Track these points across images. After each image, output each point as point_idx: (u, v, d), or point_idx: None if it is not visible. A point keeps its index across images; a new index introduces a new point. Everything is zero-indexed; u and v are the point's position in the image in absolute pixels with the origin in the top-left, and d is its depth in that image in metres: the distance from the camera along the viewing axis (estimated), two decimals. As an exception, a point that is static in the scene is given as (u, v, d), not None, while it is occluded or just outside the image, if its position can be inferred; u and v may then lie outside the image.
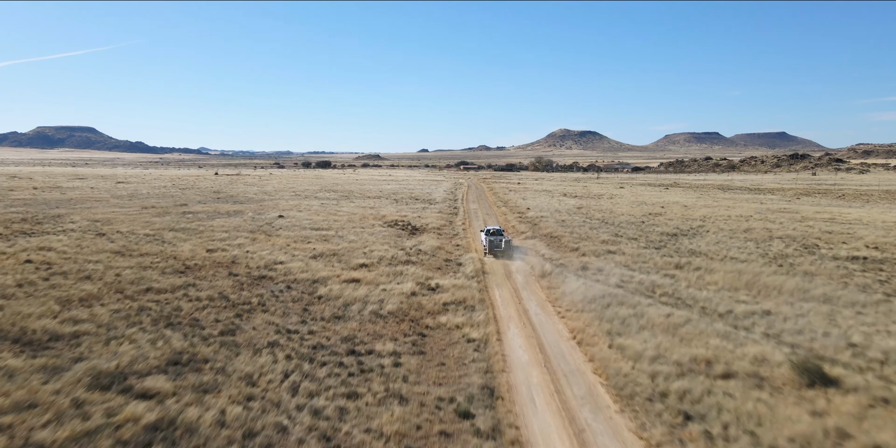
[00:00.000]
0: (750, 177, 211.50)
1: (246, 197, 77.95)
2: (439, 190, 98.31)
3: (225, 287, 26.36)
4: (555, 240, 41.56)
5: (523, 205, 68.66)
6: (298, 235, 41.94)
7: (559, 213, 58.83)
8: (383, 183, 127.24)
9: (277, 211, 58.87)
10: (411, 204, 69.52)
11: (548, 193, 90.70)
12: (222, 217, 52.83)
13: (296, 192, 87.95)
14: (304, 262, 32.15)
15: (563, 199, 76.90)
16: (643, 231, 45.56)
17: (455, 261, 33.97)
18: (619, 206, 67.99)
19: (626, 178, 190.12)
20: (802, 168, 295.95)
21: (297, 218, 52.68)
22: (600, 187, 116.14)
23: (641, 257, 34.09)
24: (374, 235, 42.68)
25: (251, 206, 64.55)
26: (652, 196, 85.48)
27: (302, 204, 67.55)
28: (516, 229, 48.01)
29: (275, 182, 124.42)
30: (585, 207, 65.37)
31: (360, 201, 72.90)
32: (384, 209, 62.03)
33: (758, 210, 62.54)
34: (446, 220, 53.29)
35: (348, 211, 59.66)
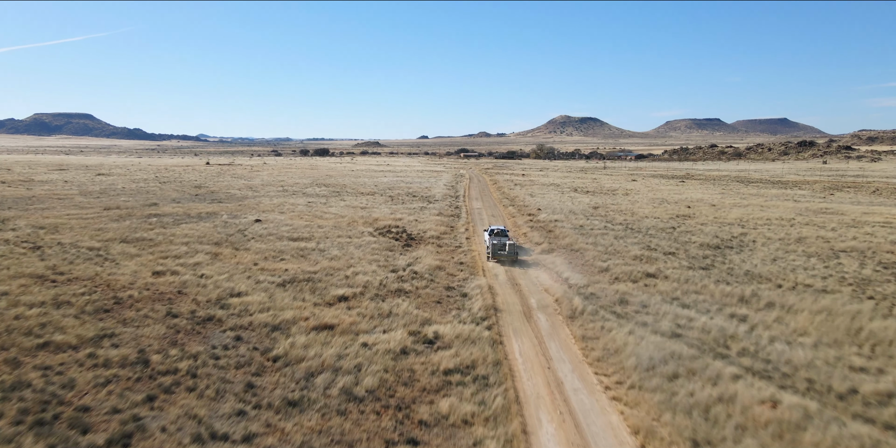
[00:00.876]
0: (760, 166, 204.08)
1: (228, 193, 70.92)
2: (439, 184, 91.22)
3: (153, 339, 19.59)
4: (577, 255, 34.67)
5: (532, 203, 61.66)
6: (272, 249, 35.06)
7: (574, 215, 51.89)
8: (380, 174, 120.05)
9: (257, 213, 51.93)
10: (408, 202, 62.53)
11: (556, 188, 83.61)
12: (192, 221, 45.93)
13: (283, 188, 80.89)
14: (269, 292, 25.35)
15: (574, 196, 69.85)
16: (678, 241, 38.67)
17: (458, 289, 27.14)
18: (638, 205, 60.98)
19: (634, 167, 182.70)
20: (811, 156, 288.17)
21: (277, 223, 45.76)
22: (611, 180, 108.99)
23: (691, 284, 27.25)
24: (362, 248, 35.80)
25: (229, 205, 57.57)
26: (670, 191, 78.41)
27: (287, 203, 60.56)
28: (529, 238, 41.13)
29: (265, 174, 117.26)
30: (602, 207, 58.39)
31: (352, 199, 65.90)
32: (377, 210, 55.06)
33: (797, 210, 55.60)
34: (447, 225, 46.37)
35: (336, 212, 52.71)
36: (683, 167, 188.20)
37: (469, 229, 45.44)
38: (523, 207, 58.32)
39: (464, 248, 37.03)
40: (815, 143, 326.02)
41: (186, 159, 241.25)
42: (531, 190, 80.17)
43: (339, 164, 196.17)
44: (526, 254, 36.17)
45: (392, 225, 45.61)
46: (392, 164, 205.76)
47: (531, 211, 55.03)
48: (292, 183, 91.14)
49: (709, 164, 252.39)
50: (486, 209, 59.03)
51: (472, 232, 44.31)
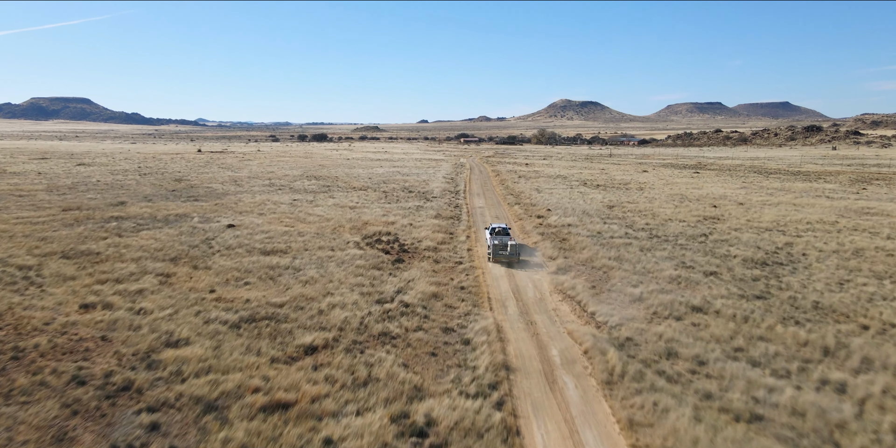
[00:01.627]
0: (769, 152, 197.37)
1: (208, 189, 64.97)
2: (437, 176, 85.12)
3: (32, 430, 13.98)
4: (599, 275, 28.96)
5: (540, 201, 55.74)
6: (237, 267, 29.33)
7: (589, 217, 46.05)
8: (376, 164, 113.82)
9: (233, 215, 46.11)
10: (403, 200, 56.61)
11: (564, 182, 77.55)
12: (155, 226, 40.15)
13: (270, 181, 74.88)
14: (217, 339, 19.71)
15: (585, 192, 63.86)
16: (715, 255, 32.90)
17: (459, 331, 21.44)
18: (657, 203, 55.06)
19: (640, 155, 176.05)
20: (819, 142, 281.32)
21: (252, 229, 39.95)
22: (620, 170, 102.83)
23: (752, 324, 21.58)
24: (345, 266, 30.07)
25: (205, 205, 51.70)
26: (687, 185, 72.35)
27: (269, 201, 54.66)
28: (542, 250, 35.25)
29: (255, 164, 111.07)
30: (618, 206, 52.49)
31: (343, 196, 59.95)
32: (368, 211, 49.18)
33: (836, 211, 49.75)
34: (445, 231, 40.54)
35: (322, 214, 46.85)
36: (691, 154, 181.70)
37: (471, 236, 39.61)
38: (530, 207, 52.41)
39: (465, 265, 31.25)
40: (821, 129, 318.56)
41: (180, 146, 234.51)
42: (537, 183, 74.15)
43: (335, 151, 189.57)
44: (539, 269, 30.45)
45: (383, 231, 39.79)
46: (390, 151, 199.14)
47: (540, 211, 49.15)
48: (281, 175, 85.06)
49: (714, 149, 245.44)
50: (490, 208, 53.13)
51: (474, 240, 38.50)
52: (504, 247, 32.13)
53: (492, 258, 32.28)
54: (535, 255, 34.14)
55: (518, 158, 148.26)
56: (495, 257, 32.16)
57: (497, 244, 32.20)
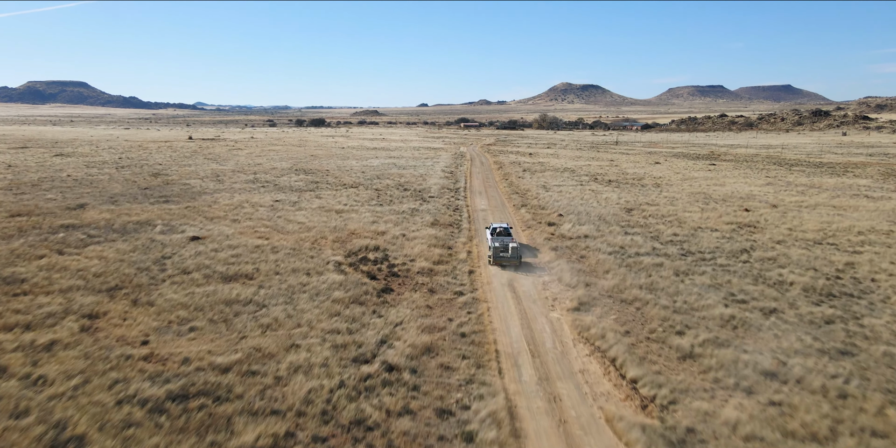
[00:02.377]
0: (782, 139, 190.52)
1: (184, 186, 59.06)
2: (436, 169, 79.01)
3: None
4: (633, 313, 23.33)
5: (549, 202, 49.88)
6: (186, 304, 23.69)
7: (607, 224, 40.26)
8: (371, 155, 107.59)
9: (202, 222, 40.34)
10: (397, 201, 50.73)
11: (573, 176, 71.51)
12: (109, 239, 34.47)
13: (255, 176, 68.90)
14: (122, 439, 14.15)
15: (598, 191, 57.90)
16: (767, 281, 27.23)
17: (460, 418, 15.81)
18: (680, 204, 49.19)
19: (647, 142, 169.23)
20: (827, 127, 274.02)
21: (220, 242, 34.23)
22: (630, 161, 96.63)
23: (853, 407, 16.00)
24: (319, 299, 24.44)
25: (176, 207, 45.89)
26: (707, 181, 66.31)
27: (248, 203, 48.83)
28: (557, 274, 29.48)
29: (244, 154, 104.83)
30: (637, 209, 46.64)
31: (331, 195, 54.06)
32: (357, 216, 43.35)
33: (885, 214, 43.94)
34: (443, 245, 34.77)
35: (304, 221, 41.04)
36: (699, 141, 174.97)
37: (473, 252, 33.85)
38: (539, 210, 46.56)
39: (466, 298, 25.54)
40: (829, 113, 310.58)
41: (172, 132, 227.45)
42: (543, 179, 68.15)
43: (330, 138, 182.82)
44: (557, 306, 24.79)
45: (371, 245, 34.05)
46: (388, 137, 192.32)
47: (550, 216, 43.33)
48: (268, 168, 79.00)
49: (721, 135, 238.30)
50: (494, 212, 47.27)
51: (476, 257, 32.78)
52: (505, 248, 30.61)
53: (492, 261, 30.58)
54: (544, 271, 28.46)
55: (521, 146, 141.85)
56: (496, 260, 30.49)
57: (498, 246, 30.67)
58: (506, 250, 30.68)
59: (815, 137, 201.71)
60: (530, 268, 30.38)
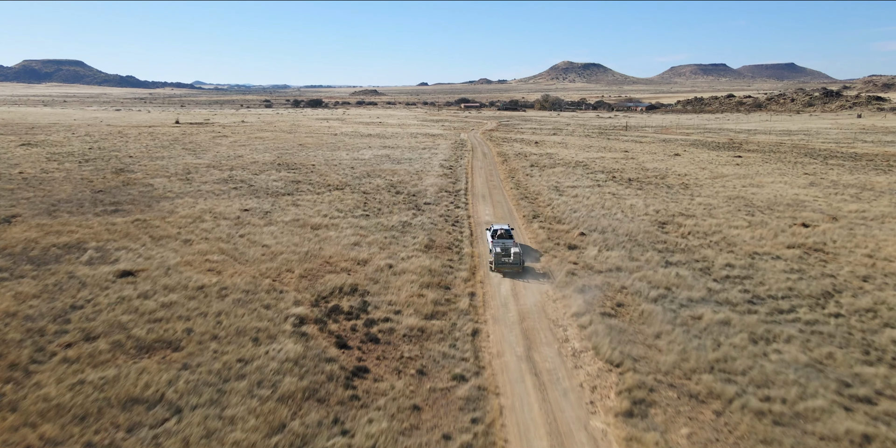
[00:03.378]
0: (800, 123, 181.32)
1: (146, 187, 51.26)
2: (434, 163, 70.90)
3: None
4: (711, 424, 15.87)
5: (565, 212, 42.09)
6: (62, 408, 16.23)
7: (640, 247, 32.60)
8: (364, 143, 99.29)
9: (146, 244, 32.71)
10: (386, 211, 42.94)
11: (586, 173, 63.47)
12: (19, 273, 27.00)
13: (231, 174, 61.00)
14: None
15: (619, 195, 49.98)
16: (883, 356, 19.73)
17: None
18: (721, 215, 41.41)
19: (657, 125, 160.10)
20: (839, 108, 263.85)
21: (155, 281, 26.66)
22: (647, 153, 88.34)
23: None
24: (259, 394, 16.99)
25: (121, 221, 38.17)
26: (741, 180, 58.16)
27: (211, 213, 41.10)
28: (592, 343, 21.89)
29: (227, 143, 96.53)
30: (672, 223, 38.88)
31: (311, 202, 46.27)
32: (335, 234, 35.61)
33: (971, 233, 36.22)
34: (440, 284, 27.14)
35: (271, 243, 33.33)
36: (712, 125, 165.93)
37: (478, 294, 26.22)
38: (555, 224, 38.79)
39: (470, 386, 18.04)
40: (840, 94, 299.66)
41: (162, 114, 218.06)
42: (554, 177, 60.15)
43: (325, 122, 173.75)
44: (599, 402, 17.34)
45: (347, 285, 26.46)
46: (385, 121, 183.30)
47: (570, 235, 35.65)
48: (249, 161, 70.95)
49: (730, 117, 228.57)
50: (501, 221, 39.55)
51: (482, 305, 25.17)
52: (507, 253, 29.13)
53: (494, 267, 28.84)
54: (574, 331, 20.92)
55: (525, 132, 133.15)
56: (497, 266, 28.77)
57: (499, 252, 29.05)
58: (507, 255, 28.84)
59: (830, 120, 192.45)
60: (557, 323, 22.89)
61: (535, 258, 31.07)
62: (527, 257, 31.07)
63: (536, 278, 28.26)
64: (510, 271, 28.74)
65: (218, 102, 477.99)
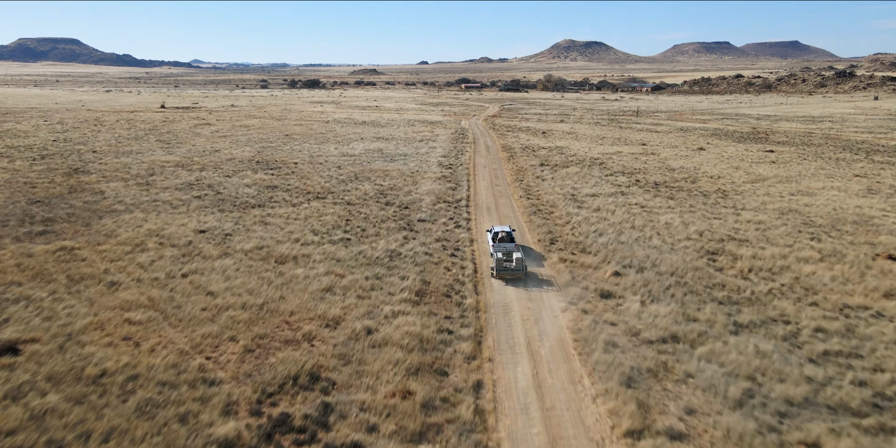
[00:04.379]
0: (820, 107, 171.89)
1: (94, 196, 43.53)
2: (432, 160, 62.81)
3: None
4: None
5: (590, 236, 34.35)
6: None
7: (697, 297, 25.02)
8: (356, 134, 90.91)
9: (57, 289, 25.16)
10: (372, 235, 35.21)
11: (605, 174, 55.43)
12: None
13: (199, 175, 53.12)
14: None
15: (649, 207, 42.07)
16: None
17: None
18: (779, 238, 33.69)
19: (669, 109, 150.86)
20: (853, 89, 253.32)
21: (38, 366, 19.23)
22: (667, 146, 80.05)
23: None
24: None
25: (41, 251, 30.53)
26: (789, 187, 49.86)
27: (157, 236, 33.43)
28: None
29: (208, 133, 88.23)
30: (724, 253, 31.19)
31: (283, 216, 38.51)
32: (303, 273, 27.95)
33: None
34: (432, 366, 19.64)
35: (218, 289, 25.69)
36: (727, 109, 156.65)
37: (489, 384, 18.80)
38: (579, 255, 31.10)
39: None
40: (853, 74, 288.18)
41: (152, 97, 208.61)
42: (569, 180, 52.21)
43: (319, 106, 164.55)
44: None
45: (305, 369, 19.00)
46: (382, 104, 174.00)
47: (599, 272, 28.05)
48: (225, 157, 62.92)
49: (740, 98, 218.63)
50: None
51: (495, 407, 17.73)
52: (509, 258, 27.91)
53: (495, 274, 27.44)
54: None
55: (529, 118, 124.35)
56: (499, 273, 27.31)
57: (501, 258, 27.80)
58: (510, 260, 27.69)
59: (846, 102, 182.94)
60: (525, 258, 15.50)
61: (539, 263, 28.78)
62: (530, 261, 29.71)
63: (562, 348, 20.80)
64: (512, 278, 27.23)
65: (213, 82, 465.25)
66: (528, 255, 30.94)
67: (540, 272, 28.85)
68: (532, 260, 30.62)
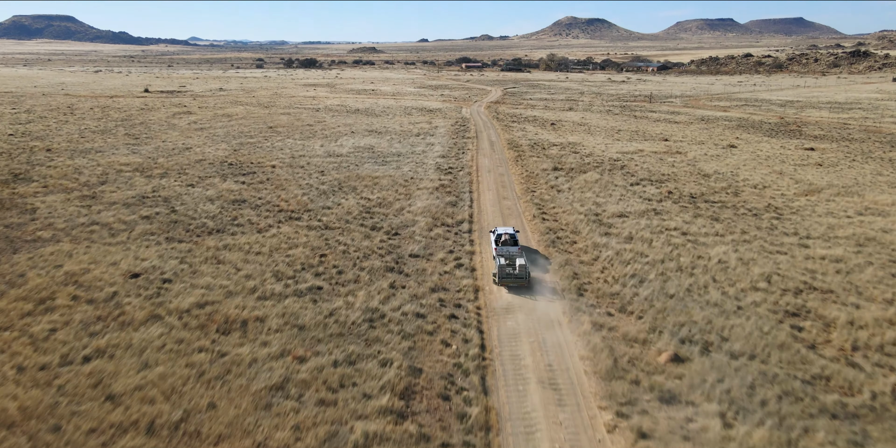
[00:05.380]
0: (842, 91, 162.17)
1: (22, 214, 35.80)
2: (429, 162, 54.72)
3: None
4: None
5: (625, 281, 26.74)
6: None
7: (793, 401, 17.55)
8: (347, 127, 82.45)
9: None
10: (351, 274, 27.55)
11: (630, 183, 47.44)
12: None
13: (159, 183, 45.28)
14: None
15: (691, 232, 34.20)
16: None
17: None
18: (866, 282, 26.10)
19: (683, 94, 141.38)
20: (868, 69, 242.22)
21: None
22: (693, 140, 71.75)
23: None
24: None
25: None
26: (855, 204, 41.55)
27: (75, 285, 25.84)
28: None
29: (185, 124, 79.83)
30: (805, 311, 23.61)
31: (244, 249, 30.78)
32: (248, 353, 20.46)
33: None
34: None
35: (118, 390, 18.25)
36: (744, 94, 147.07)
37: None
38: (616, 314, 23.53)
39: None
40: (867, 53, 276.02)
41: (139, 79, 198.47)
42: (590, 193, 44.29)
43: (312, 90, 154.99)
44: None
45: None
46: (379, 88, 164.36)
47: (649, 347, 20.53)
48: (195, 158, 54.89)
49: (752, 79, 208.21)
50: (530, 317, 24.31)
51: None
52: (512, 263, 26.14)
53: (498, 281, 25.61)
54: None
55: (535, 105, 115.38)
56: (502, 280, 25.48)
57: (504, 264, 25.95)
58: (513, 266, 25.90)
59: (865, 84, 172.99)
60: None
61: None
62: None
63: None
64: (515, 285, 25.87)
65: (209, 61, 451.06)
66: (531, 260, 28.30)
67: (568, 343, 21.31)
68: (554, 323, 23.06)
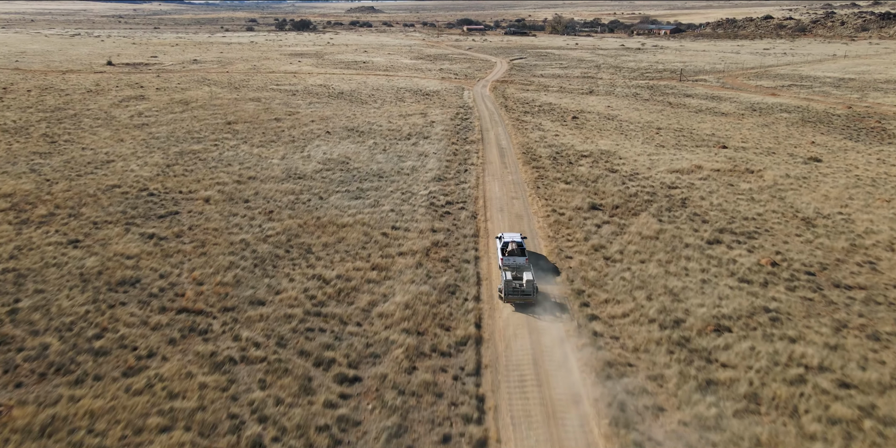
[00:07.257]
0: (879, 60, 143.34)
1: None
2: (419, 190, 39.81)
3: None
4: None
5: None
6: None
7: None
8: (323, 123, 66.75)
9: None
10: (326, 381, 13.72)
11: (705, 239, 32.57)
12: None
13: (33, 234, 30.69)
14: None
15: (854, 378, 20.03)
16: None
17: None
18: None
19: (712, 70, 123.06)
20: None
21: None
22: (760, 148, 56.35)
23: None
24: None
25: None
26: None
27: None
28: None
29: (131, 114, 64.19)
30: None
31: (110, 405, 16.71)
32: None
33: None
34: None
35: None
36: (783, 69, 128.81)
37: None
38: None
39: None
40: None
41: (110, 46, 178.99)
42: (656, 266, 29.78)
43: (297, 62, 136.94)
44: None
45: None
46: (372, 57, 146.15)
47: None
48: (108, 183, 40.06)
49: (776, 45, 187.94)
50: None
51: None
52: (519, 277, 23.53)
53: (504, 297, 23.06)
54: None
55: (550, 87, 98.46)
56: (507, 296, 22.92)
57: (510, 280, 23.05)
58: (520, 280, 23.31)
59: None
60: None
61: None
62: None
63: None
64: (522, 303, 22.85)
65: (199, 22, 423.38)
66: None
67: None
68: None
